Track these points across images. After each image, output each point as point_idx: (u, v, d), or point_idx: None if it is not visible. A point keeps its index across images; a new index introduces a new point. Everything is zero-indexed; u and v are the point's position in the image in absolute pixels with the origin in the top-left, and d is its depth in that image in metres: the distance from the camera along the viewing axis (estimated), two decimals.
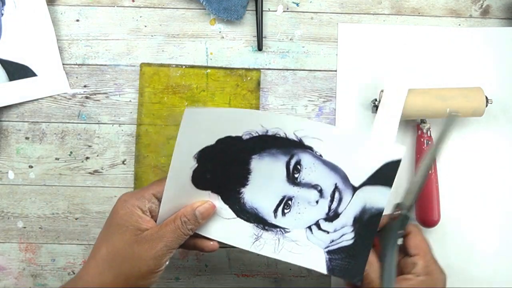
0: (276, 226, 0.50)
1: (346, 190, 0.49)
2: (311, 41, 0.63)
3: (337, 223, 0.50)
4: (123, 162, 0.62)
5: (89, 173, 0.62)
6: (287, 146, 0.48)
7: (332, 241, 0.50)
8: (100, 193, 0.62)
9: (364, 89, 0.63)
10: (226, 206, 0.50)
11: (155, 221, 0.48)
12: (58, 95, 0.62)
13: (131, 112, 0.62)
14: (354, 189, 0.49)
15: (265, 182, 0.49)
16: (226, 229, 0.50)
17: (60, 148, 0.62)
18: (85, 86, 0.62)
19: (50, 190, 0.62)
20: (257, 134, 0.48)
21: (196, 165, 0.48)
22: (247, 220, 0.50)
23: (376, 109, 0.59)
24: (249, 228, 0.50)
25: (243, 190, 0.50)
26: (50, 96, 0.62)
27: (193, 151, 0.47)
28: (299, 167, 0.49)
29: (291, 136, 0.48)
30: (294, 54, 0.63)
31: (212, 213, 0.49)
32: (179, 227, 0.47)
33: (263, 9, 0.62)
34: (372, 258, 0.50)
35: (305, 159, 0.49)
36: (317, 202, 0.50)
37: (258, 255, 0.50)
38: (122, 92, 0.62)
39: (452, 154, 0.63)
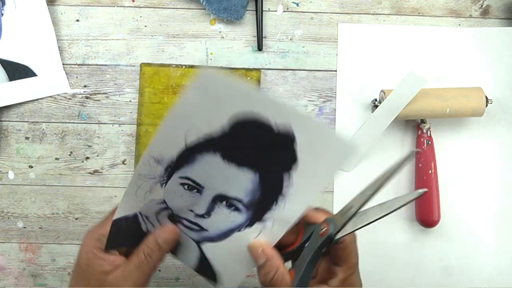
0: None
1: None
2: (311, 41, 0.63)
3: None
4: (123, 162, 0.62)
5: (89, 173, 0.62)
6: None
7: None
8: (100, 193, 0.62)
9: (364, 89, 0.63)
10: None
11: (120, 253, 0.45)
12: (58, 95, 0.62)
13: (131, 112, 0.62)
14: None
15: None
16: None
17: (60, 148, 0.62)
18: (85, 86, 0.62)
19: (50, 190, 0.62)
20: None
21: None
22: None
23: (376, 109, 0.59)
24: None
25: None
26: (50, 96, 0.62)
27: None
28: None
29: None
30: (294, 54, 0.63)
31: (177, 237, 0.46)
32: (143, 261, 0.44)
33: (263, 9, 0.62)
34: (279, 262, 0.45)
35: None
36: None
37: None
38: (122, 92, 0.62)
39: (452, 154, 0.63)
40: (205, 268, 0.49)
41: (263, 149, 0.44)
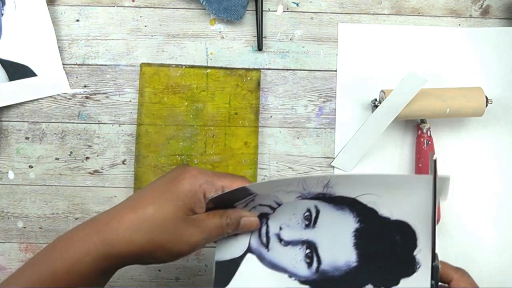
0: None
1: None
2: (311, 41, 0.63)
3: None
4: (123, 162, 0.62)
5: (89, 173, 0.62)
6: None
7: None
8: (100, 193, 0.62)
9: (364, 89, 0.63)
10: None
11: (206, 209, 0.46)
12: (58, 95, 0.62)
13: (131, 112, 0.62)
14: None
15: None
16: None
17: (60, 148, 0.62)
18: (85, 86, 0.62)
19: (50, 190, 0.62)
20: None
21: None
22: None
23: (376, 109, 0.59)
24: None
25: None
26: (50, 96, 0.62)
27: None
28: None
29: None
30: (294, 54, 0.63)
31: (253, 229, 0.47)
32: (223, 225, 0.45)
33: (263, 9, 0.62)
34: None
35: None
36: None
37: None
38: (122, 92, 0.62)
39: (452, 154, 0.63)
40: (226, 270, 0.48)
41: (387, 258, 0.45)
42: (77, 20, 0.62)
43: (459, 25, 0.64)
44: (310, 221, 0.46)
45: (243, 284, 0.47)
